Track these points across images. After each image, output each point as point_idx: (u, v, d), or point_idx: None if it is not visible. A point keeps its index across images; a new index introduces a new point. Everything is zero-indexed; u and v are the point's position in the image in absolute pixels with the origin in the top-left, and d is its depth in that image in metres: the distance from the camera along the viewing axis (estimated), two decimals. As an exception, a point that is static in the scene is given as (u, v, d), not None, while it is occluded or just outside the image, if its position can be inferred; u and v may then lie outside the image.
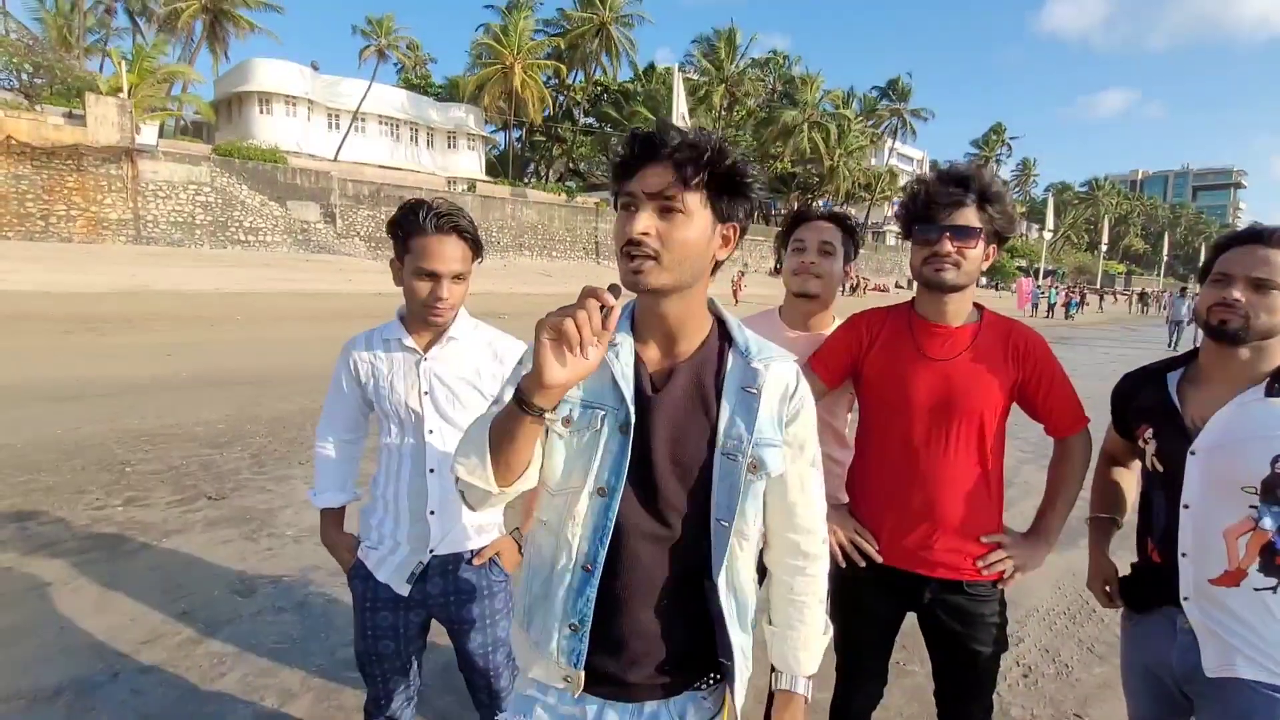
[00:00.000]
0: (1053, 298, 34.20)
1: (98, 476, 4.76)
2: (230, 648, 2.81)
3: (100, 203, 21.90)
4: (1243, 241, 1.42)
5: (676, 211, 0.98)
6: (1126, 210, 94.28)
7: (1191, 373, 1.53)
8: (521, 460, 1.00)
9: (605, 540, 1.05)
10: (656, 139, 0.98)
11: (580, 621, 1.07)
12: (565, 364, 0.88)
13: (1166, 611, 1.51)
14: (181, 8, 33.42)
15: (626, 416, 1.03)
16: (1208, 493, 1.42)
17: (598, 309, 0.86)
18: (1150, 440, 1.53)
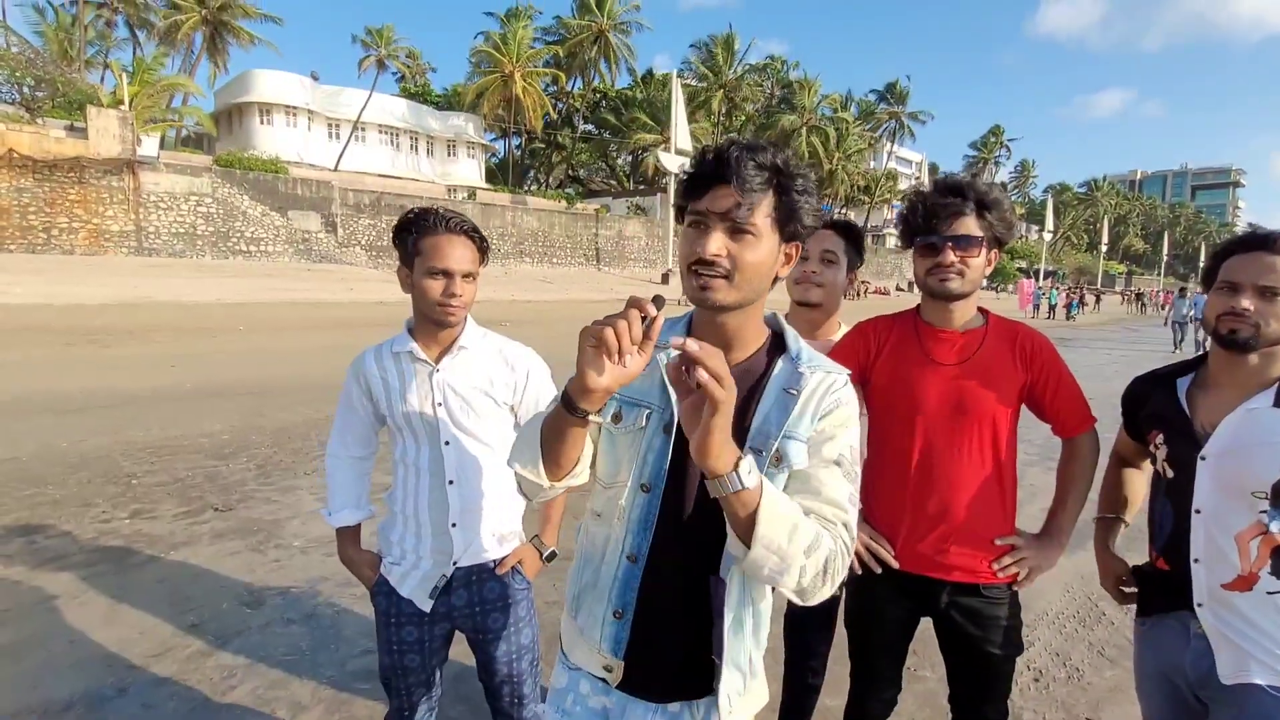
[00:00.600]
0: (1053, 298, 34.21)
1: (104, 489, 4.76)
2: (240, 660, 2.81)
3: (102, 215, 21.97)
4: (1247, 248, 1.42)
5: (747, 234, 1.01)
6: (1125, 210, 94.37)
7: (1201, 378, 1.53)
8: (570, 458, 1.05)
9: (649, 533, 1.10)
10: (730, 159, 1.00)
11: (624, 608, 1.13)
12: (605, 370, 0.91)
13: (1179, 616, 1.51)
14: (181, 20, 33.64)
15: (670, 416, 1.08)
16: (1219, 498, 1.42)
17: (639, 319, 0.89)
18: (1161, 445, 1.54)
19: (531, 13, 43.43)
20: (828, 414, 1.07)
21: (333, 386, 1.85)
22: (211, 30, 35.01)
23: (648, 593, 1.12)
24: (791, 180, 1.02)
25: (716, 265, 1.01)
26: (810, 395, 1.07)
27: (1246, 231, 1.47)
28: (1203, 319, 1.48)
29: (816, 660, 2.18)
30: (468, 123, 42.25)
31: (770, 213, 1.02)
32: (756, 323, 1.12)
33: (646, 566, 1.11)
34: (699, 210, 1.02)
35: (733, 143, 1.02)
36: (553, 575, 3.48)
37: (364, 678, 2.70)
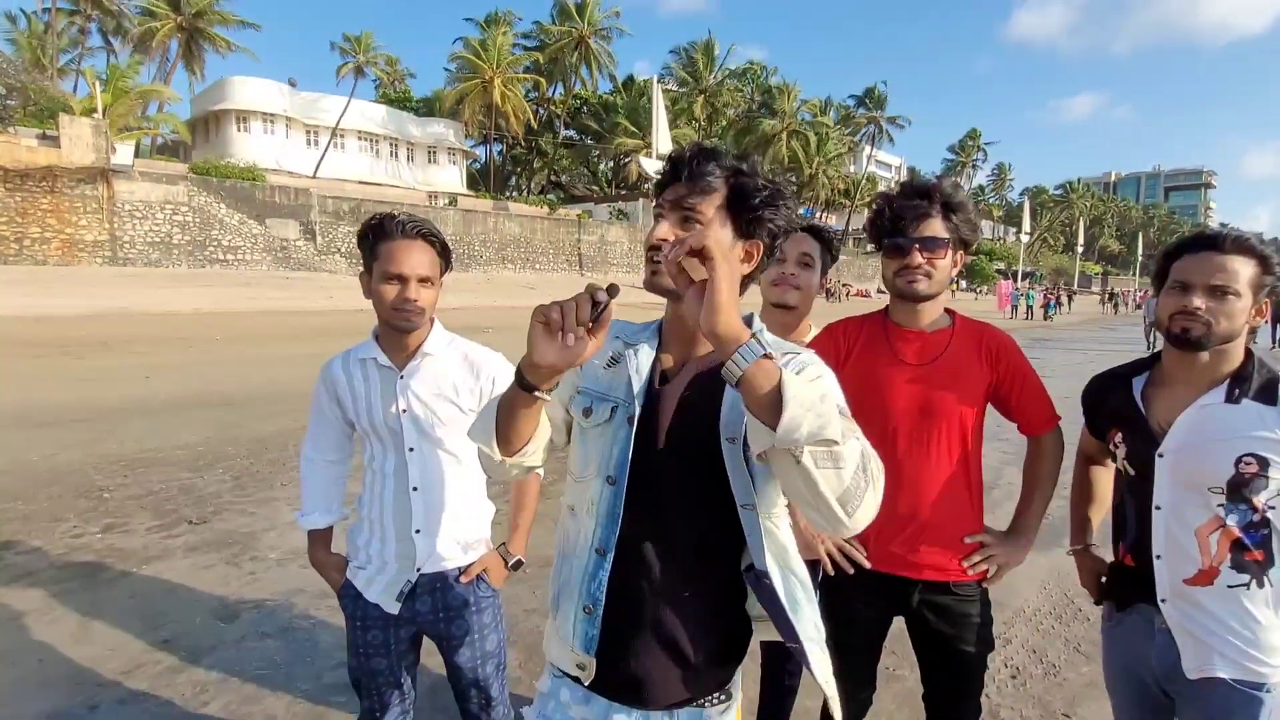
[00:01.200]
0: (1031, 299, 34.74)
1: (75, 503, 4.67)
2: (213, 675, 2.76)
3: (75, 224, 21.61)
4: (1197, 248, 1.43)
5: (695, 222, 1.05)
6: (1101, 212, 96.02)
7: (1156, 376, 1.56)
8: (521, 434, 1.08)
9: (616, 526, 1.10)
10: (684, 156, 1.07)
11: (593, 604, 1.12)
12: (551, 349, 0.94)
13: (1144, 611, 1.53)
14: (156, 27, 33.24)
15: (634, 410, 1.10)
16: (1177, 494, 1.45)
17: (588, 301, 0.93)
18: (1121, 444, 1.56)
19: (511, 19, 43.46)
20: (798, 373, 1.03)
21: (312, 395, 1.84)
22: (187, 37, 34.63)
23: (617, 586, 1.11)
24: (748, 178, 1.06)
25: (662, 250, 1.02)
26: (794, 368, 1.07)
27: (1195, 231, 1.50)
28: (1157, 318, 1.50)
29: (793, 661, 2.19)
30: (448, 129, 42.12)
31: (722, 205, 1.06)
32: None
33: (615, 559, 1.11)
34: (659, 202, 1.09)
35: (695, 145, 1.09)
36: (530, 583, 3.47)
37: (340, 690, 2.66)
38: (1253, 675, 1.40)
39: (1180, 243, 1.49)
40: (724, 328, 0.87)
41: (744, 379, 0.86)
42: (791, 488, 0.92)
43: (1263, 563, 1.41)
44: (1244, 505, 1.39)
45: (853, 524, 0.91)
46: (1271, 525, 1.41)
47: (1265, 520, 1.40)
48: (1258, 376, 1.41)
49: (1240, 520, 1.40)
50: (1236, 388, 1.41)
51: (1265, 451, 1.37)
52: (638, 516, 1.10)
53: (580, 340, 0.94)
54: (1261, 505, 1.39)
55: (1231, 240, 1.40)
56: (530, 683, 2.71)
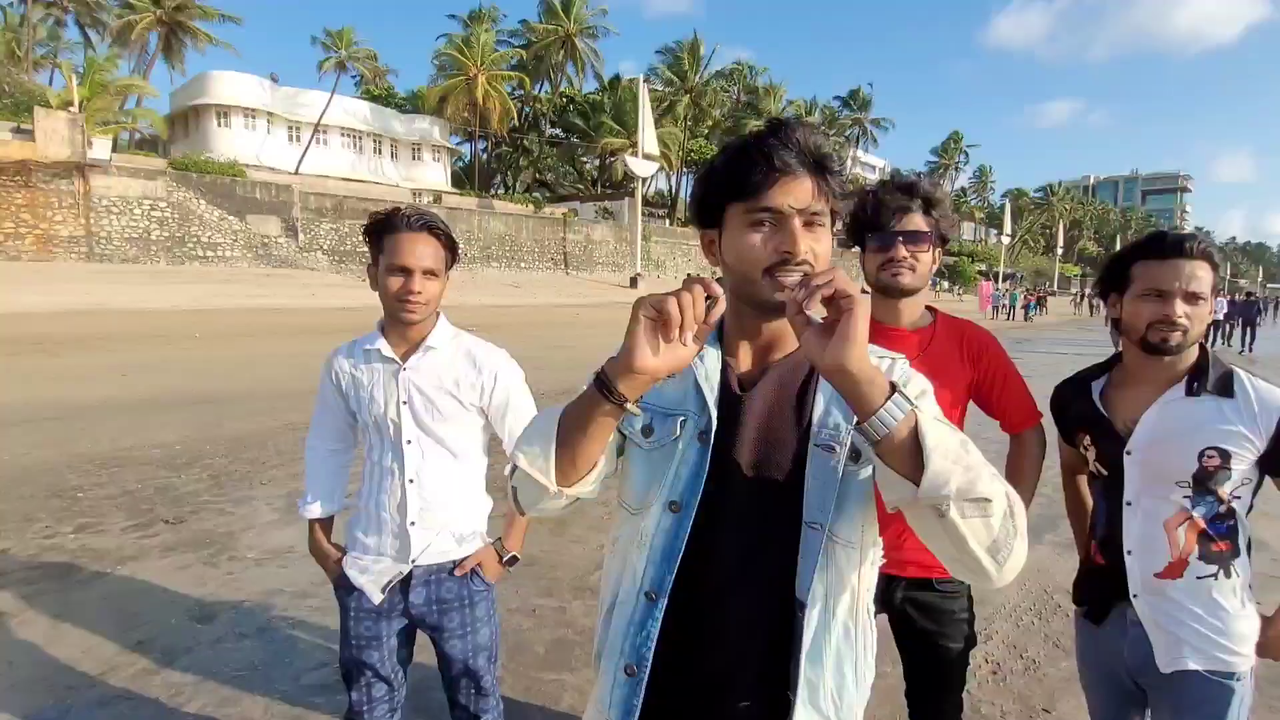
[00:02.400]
0: (1013, 300, 35.21)
1: (47, 503, 4.58)
2: (189, 677, 2.71)
3: (50, 219, 21.20)
4: (1164, 254, 1.43)
5: (819, 226, 0.91)
6: (1080, 215, 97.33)
7: (1116, 378, 1.58)
8: (589, 455, 0.89)
9: (674, 563, 0.92)
10: (786, 151, 0.88)
11: (638, 663, 0.93)
12: (658, 350, 0.79)
13: (1116, 607, 1.56)
14: (135, 20, 32.72)
15: (708, 422, 0.93)
16: (1146, 489, 1.48)
17: (703, 297, 0.79)
18: (1090, 446, 1.59)
19: (495, 15, 43.27)
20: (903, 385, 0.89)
21: (293, 394, 1.84)
22: (167, 31, 34.12)
23: (679, 638, 0.92)
24: (834, 160, 0.92)
25: (805, 264, 0.89)
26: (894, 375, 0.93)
27: (1155, 234, 1.49)
28: (1126, 325, 1.49)
29: None
30: (433, 126, 41.83)
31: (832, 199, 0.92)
32: None
33: (676, 605, 0.92)
34: (769, 206, 0.88)
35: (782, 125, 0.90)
36: (514, 582, 3.45)
37: (320, 691, 2.63)
38: (1223, 665, 1.43)
39: (1139, 246, 1.49)
40: (862, 368, 0.75)
41: (886, 440, 0.76)
42: (932, 541, 0.83)
43: (1228, 553, 1.44)
44: (1209, 497, 1.43)
45: (1001, 576, 0.81)
46: (1236, 516, 1.44)
47: (1230, 511, 1.44)
48: (1213, 371, 1.44)
49: (1206, 512, 1.43)
50: (1195, 381, 1.44)
51: (1226, 444, 1.40)
52: (703, 551, 0.92)
53: (695, 343, 0.81)
54: (1226, 496, 1.42)
55: (1198, 247, 1.41)
56: (511, 682, 2.69)
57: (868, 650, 0.98)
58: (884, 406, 0.76)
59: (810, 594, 0.89)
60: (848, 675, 0.94)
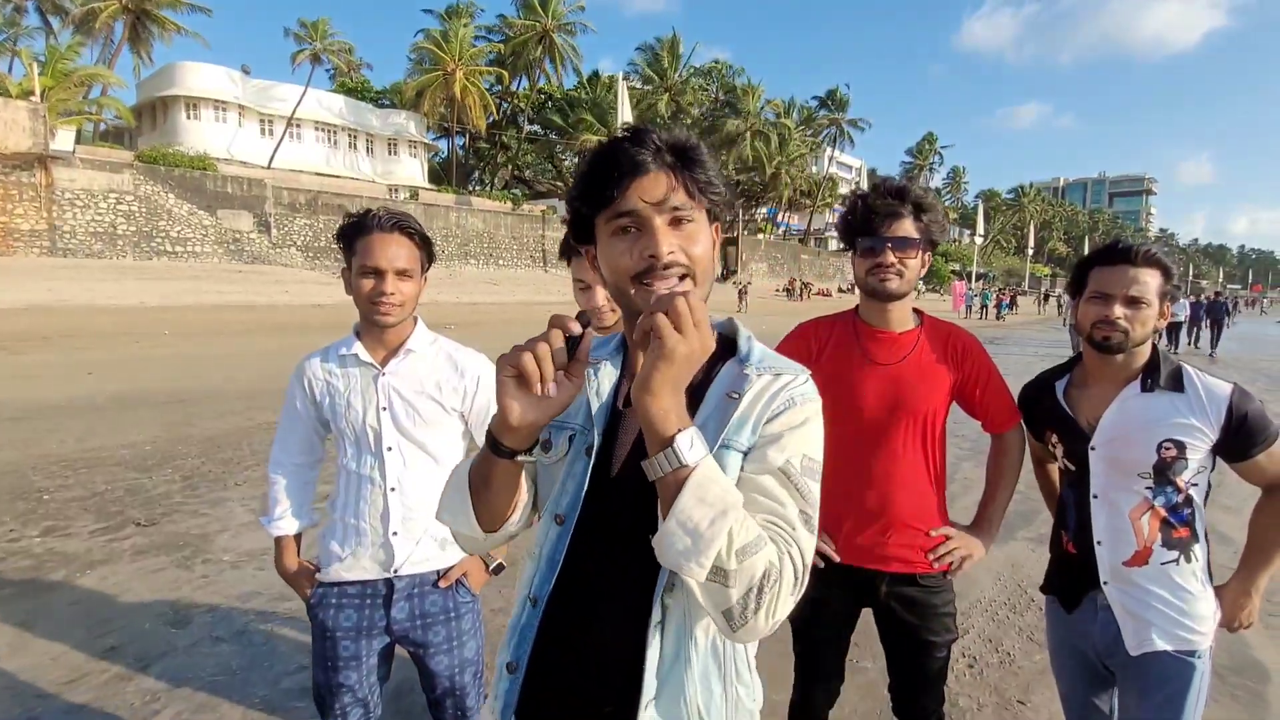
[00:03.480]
0: (987, 299, 35.87)
1: (11, 506, 4.45)
2: (163, 684, 2.65)
3: (10, 212, 20.56)
4: (1113, 260, 1.55)
5: (689, 223, 0.88)
6: (1050, 216, 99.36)
7: (1077, 378, 1.68)
8: (503, 503, 0.95)
9: (554, 571, 0.95)
10: (640, 147, 0.87)
11: (516, 661, 0.97)
12: (529, 402, 0.80)
13: (1088, 594, 1.65)
14: (100, 8, 31.74)
15: (592, 439, 0.95)
16: (1111, 482, 1.58)
17: (562, 339, 0.79)
18: (1058, 444, 1.68)
19: (473, 10, 42.84)
20: (776, 416, 0.91)
21: (266, 393, 1.80)
22: (133, 19, 33.15)
23: (545, 643, 0.96)
24: (699, 150, 0.90)
25: (675, 265, 0.86)
26: (755, 398, 0.91)
27: (1109, 243, 1.60)
28: (1077, 324, 1.62)
29: None
30: (409, 121, 41.31)
31: (699, 195, 0.89)
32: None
33: (546, 612, 0.95)
34: (627, 210, 0.86)
35: (637, 128, 0.90)
36: (499, 582, 3.42)
37: (299, 696, 2.59)
38: (1186, 644, 1.53)
39: (1095, 254, 1.61)
40: (647, 410, 0.77)
41: (660, 484, 0.79)
42: None
43: (1188, 539, 1.55)
44: (1169, 487, 1.53)
45: (736, 637, 0.82)
46: (1193, 503, 1.55)
47: (1188, 499, 1.54)
48: (1164, 367, 1.55)
49: (1166, 501, 1.54)
50: (1149, 378, 1.55)
51: (1181, 435, 1.51)
52: (581, 561, 0.94)
53: (561, 386, 0.81)
54: (1184, 485, 1.53)
55: (1142, 254, 1.53)
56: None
57: (749, 672, 0.99)
58: (657, 454, 0.78)
59: (656, 608, 0.90)
60: (715, 691, 0.93)
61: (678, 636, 0.91)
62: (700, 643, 0.93)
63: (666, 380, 0.77)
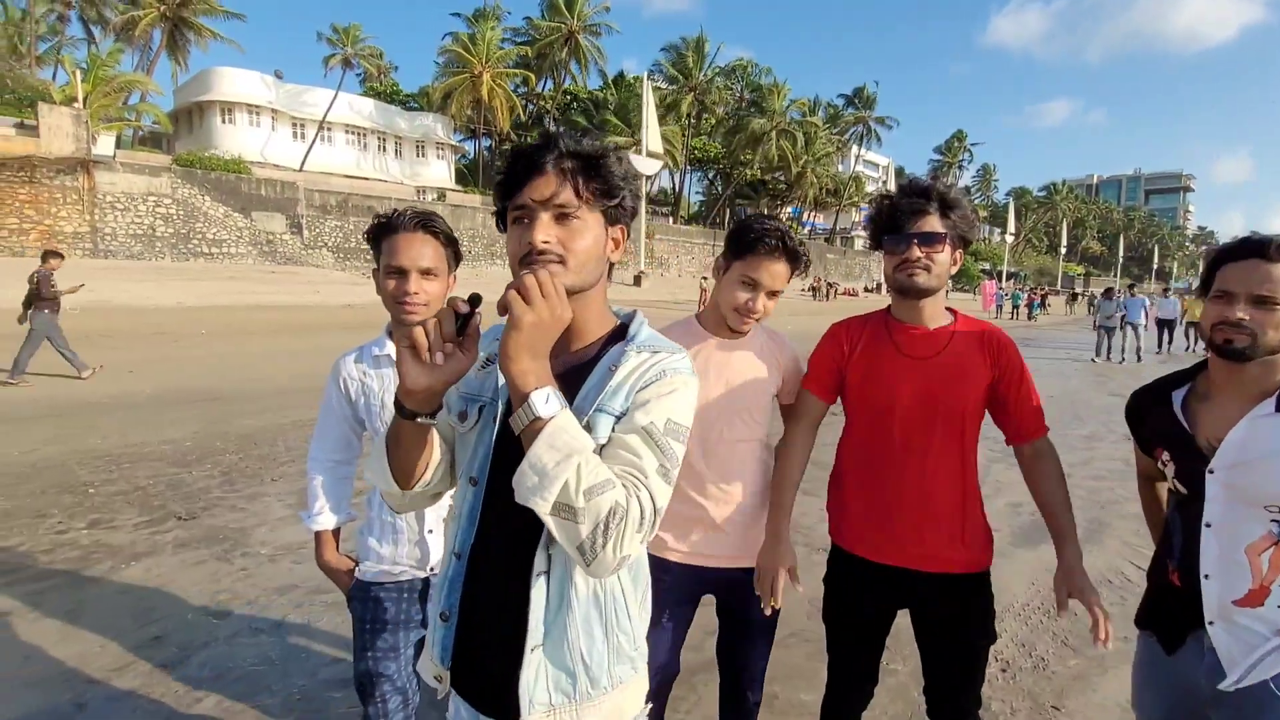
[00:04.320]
0: (1017, 299, 35.23)
1: (59, 499, 4.60)
2: (206, 672, 2.73)
3: (55, 215, 21.21)
4: (1242, 255, 1.38)
5: (575, 219, 1.01)
6: (1083, 214, 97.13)
7: (1199, 388, 1.47)
8: (412, 462, 1.05)
9: (473, 528, 1.07)
10: (542, 152, 1.01)
11: (449, 610, 1.09)
12: (427, 371, 0.92)
13: (1193, 634, 1.44)
14: (139, 16, 32.66)
15: (497, 408, 1.06)
16: (1229, 511, 1.38)
17: (450, 315, 0.92)
18: (1169, 463, 1.47)
19: (499, 13, 43.21)
20: (648, 385, 1.01)
21: (299, 390, 1.84)
22: (171, 26, 34.04)
23: (471, 593, 1.08)
24: (602, 164, 1.02)
25: (549, 252, 0.99)
26: (632, 370, 1.03)
27: (1242, 237, 1.42)
28: (1201, 328, 1.44)
29: (750, 676, 1.94)
30: (436, 123, 41.81)
31: (589, 197, 1.02)
32: (597, 312, 1.09)
33: (469, 564, 1.08)
34: (521, 204, 1.01)
35: (544, 135, 1.04)
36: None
37: (337, 686, 2.65)
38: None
39: (1225, 249, 1.44)
40: (509, 371, 0.90)
41: (522, 437, 0.91)
42: None
43: None
44: None
45: (590, 570, 0.93)
46: None
47: None
48: None
49: None
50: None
51: None
52: (495, 518, 1.06)
53: (453, 357, 0.92)
54: None
55: (1276, 248, 1.34)
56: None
57: (628, 620, 1.09)
58: (518, 409, 0.91)
59: (540, 558, 1.01)
60: (597, 637, 1.05)
61: (560, 585, 1.03)
62: (581, 590, 1.03)
63: (521, 346, 0.90)
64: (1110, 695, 2.76)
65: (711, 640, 2.00)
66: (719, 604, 1.92)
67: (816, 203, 54.41)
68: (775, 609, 1.72)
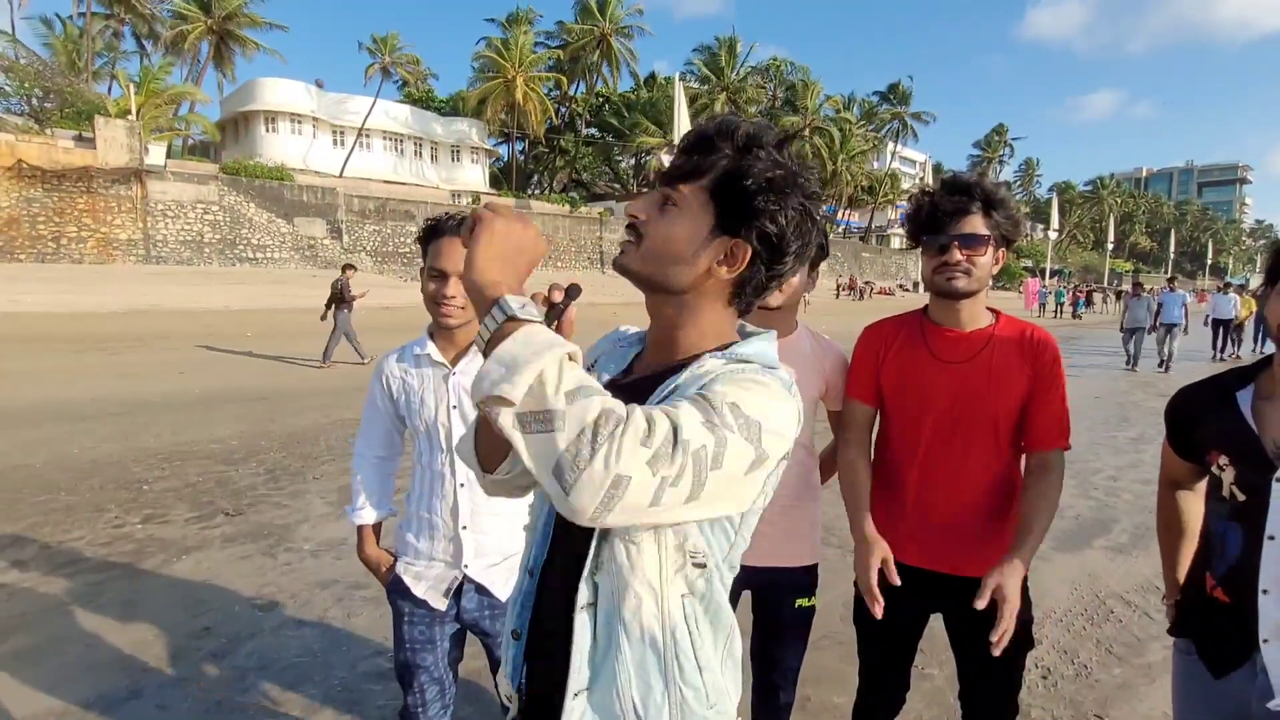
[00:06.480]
0: (1061, 296, 34.25)
1: (116, 495, 4.81)
2: (253, 662, 2.84)
3: (110, 223, 22.15)
4: None
5: (672, 203, 0.91)
6: (1131, 208, 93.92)
7: (1265, 388, 1.35)
8: (496, 447, 0.97)
9: (545, 543, 0.99)
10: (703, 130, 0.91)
11: (520, 629, 1.00)
12: None
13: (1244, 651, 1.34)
14: (187, 30, 33.93)
15: None
16: None
17: (543, 304, 0.84)
18: (1227, 467, 1.36)
19: (532, 17, 43.63)
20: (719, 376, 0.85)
21: (340, 390, 1.91)
22: (218, 39, 35.28)
23: (538, 616, 0.99)
24: (748, 161, 0.88)
25: (633, 225, 0.92)
26: (709, 371, 0.87)
27: None
28: (1268, 321, 1.33)
29: (784, 675, 1.93)
30: (471, 128, 42.43)
31: (703, 190, 0.89)
32: (698, 329, 0.95)
33: (541, 581, 0.99)
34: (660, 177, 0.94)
35: (713, 117, 0.94)
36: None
37: (376, 679, 2.72)
38: None
39: None
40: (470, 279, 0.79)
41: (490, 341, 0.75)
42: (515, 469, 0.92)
43: None
44: None
45: (571, 504, 0.71)
46: None
47: None
48: None
49: None
50: None
51: None
52: (564, 535, 0.96)
53: None
54: None
55: None
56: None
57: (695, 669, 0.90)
58: (486, 314, 0.76)
59: (581, 592, 0.88)
60: (655, 687, 0.88)
61: (608, 623, 0.88)
62: (633, 631, 0.87)
63: (490, 256, 0.79)
64: (1156, 705, 2.67)
65: (745, 639, 2.00)
66: (754, 602, 1.92)
67: (851, 201, 53.68)
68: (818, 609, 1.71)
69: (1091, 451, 6.67)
